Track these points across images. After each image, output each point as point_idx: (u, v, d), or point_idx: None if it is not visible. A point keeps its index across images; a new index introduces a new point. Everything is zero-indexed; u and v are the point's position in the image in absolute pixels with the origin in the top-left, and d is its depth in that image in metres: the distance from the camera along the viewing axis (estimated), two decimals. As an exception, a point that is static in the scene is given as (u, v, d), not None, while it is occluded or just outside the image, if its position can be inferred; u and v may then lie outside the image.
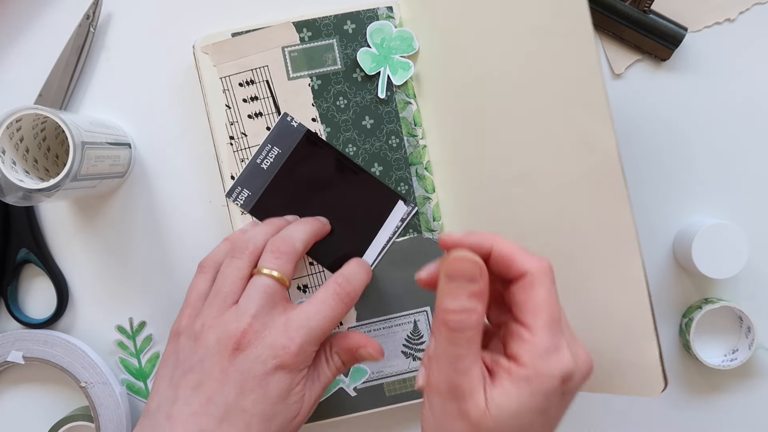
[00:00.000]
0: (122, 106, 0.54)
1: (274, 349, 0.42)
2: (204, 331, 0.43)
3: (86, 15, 0.53)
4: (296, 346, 0.42)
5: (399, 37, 0.52)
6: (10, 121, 0.43)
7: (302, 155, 0.51)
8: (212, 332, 0.42)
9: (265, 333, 0.42)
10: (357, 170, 0.52)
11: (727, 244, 0.53)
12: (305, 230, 0.47)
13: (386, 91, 0.52)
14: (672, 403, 0.58)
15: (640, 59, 0.56)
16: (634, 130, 0.57)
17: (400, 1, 0.53)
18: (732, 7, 0.56)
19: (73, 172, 0.44)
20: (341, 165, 0.52)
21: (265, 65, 0.52)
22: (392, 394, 0.53)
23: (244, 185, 0.52)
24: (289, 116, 0.49)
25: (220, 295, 0.44)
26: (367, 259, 0.52)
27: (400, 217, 0.52)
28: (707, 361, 0.55)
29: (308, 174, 0.51)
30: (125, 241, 0.54)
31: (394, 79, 0.52)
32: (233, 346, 0.42)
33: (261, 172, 0.51)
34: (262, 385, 0.42)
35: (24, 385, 0.55)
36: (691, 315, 0.56)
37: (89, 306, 0.55)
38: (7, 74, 0.54)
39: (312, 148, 0.51)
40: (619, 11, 0.55)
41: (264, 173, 0.51)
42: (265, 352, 0.42)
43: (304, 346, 0.43)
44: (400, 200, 0.52)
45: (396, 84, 0.52)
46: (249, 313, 0.43)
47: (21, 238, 0.53)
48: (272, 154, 0.51)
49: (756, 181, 0.57)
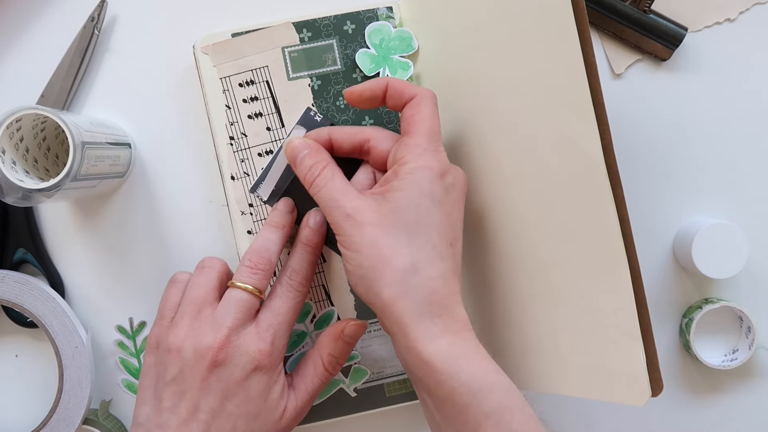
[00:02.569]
0: (122, 106, 0.55)
1: (249, 354, 0.44)
2: (180, 343, 0.44)
3: (91, 17, 0.53)
4: (269, 345, 0.44)
5: (398, 37, 0.52)
6: (10, 121, 0.44)
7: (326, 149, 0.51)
8: (189, 343, 0.43)
9: (240, 342, 0.44)
10: None
11: (727, 244, 0.53)
12: (278, 241, 0.48)
13: None
14: (672, 403, 0.58)
15: (640, 59, 0.56)
16: (634, 130, 0.57)
17: (399, 2, 0.53)
18: (732, 7, 0.56)
19: (73, 172, 0.44)
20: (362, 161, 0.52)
21: (265, 65, 0.52)
22: (392, 395, 0.53)
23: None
24: (312, 110, 0.49)
25: (191, 304, 0.45)
26: None
27: None
28: (707, 361, 0.55)
29: None
30: (125, 241, 0.54)
31: None
32: (212, 359, 0.43)
33: (285, 167, 0.51)
34: (243, 388, 0.44)
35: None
36: (691, 315, 0.56)
37: (89, 306, 0.55)
38: (9, 75, 0.54)
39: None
40: (619, 11, 0.55)
41: (288, 168, 0.51)
42: (242, 359, 0.44)
43: (275, 343, 0.45)
44: None
45: None
46: (226, 325, 0.44)
47: (19, 238, 0.53)
48: None
49: (756, 181, 0.57)
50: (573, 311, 0.43)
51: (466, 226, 0.51)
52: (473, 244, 0.51)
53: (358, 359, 0.53)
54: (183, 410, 0.43)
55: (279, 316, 0.46)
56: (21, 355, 0.55)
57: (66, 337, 0.52)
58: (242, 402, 0.43)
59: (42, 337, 0.54)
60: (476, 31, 0.47)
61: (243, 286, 0.45)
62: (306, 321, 0.53)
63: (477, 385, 0.38)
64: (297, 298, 0.47)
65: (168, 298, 0.47)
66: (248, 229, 0.52)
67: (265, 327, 0.45)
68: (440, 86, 0.52)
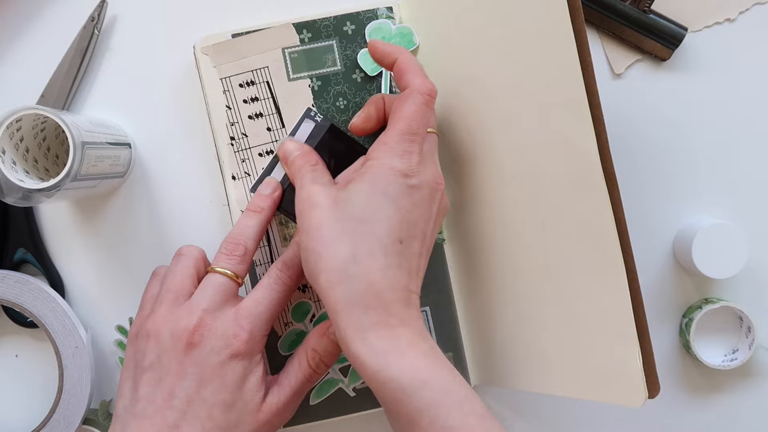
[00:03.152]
0: (122, 106, 0.55)
1: (226, 338, 0.43)
2: (158, 328, 0.44)
3: (91, 17, 0.53)
4: (246, 333, 0.44)
5: (399, 33, 0.52)
6: (10, 121, 0.44)
7: (326, 149, 0.51)
8: (165, 328, 0.43)
9: (217, 325, 0.44)
10: None
11: (727, 244, 0.53)
12: (256, 226, 0.48)
13: (389, 91, 0.52)
14: (672, 403, 0.58)
15: (640, 59, 0.56)
16: (634, 130, 0.57)
17: (399, 2, 0.53)
18: (732, 7, 0.56)
19: (73, 172, 0.44)
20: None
21: (266, 66, 0.52)
22: (392, 394, 0.53)
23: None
24: (312, 110, 0.49)
25: (169, 292, 0.45)
26: None
27: None
28: (707, 361, 0.55)
29: (332, 168, 0.51)
30: (125, 241, 0.55)
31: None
32: (187, 340, 0.43)
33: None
34: (219, 374, 0.43)
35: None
36: (691, 315, 0.56)
37: (89, 306, 0.55)
38: (9, 75, 0.54)
39: (336, 142, 0.51)
40: (619, 11, 0.55)
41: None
42: (218, 343, 0.43)
43: (254, 332, 0.44)
44: None
45: None
46: (200, 307, 0.44)
47: (19, 238, 0.53)
48: None
49: (756, 181, 0.57)
50: (569, 312, 0.43)
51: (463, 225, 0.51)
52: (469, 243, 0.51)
53: (357, 359, 0.53)
54: (159, 397, 0.42)
55: (261, 306, 0.45)
56: (21, 355, 0.55)
57: (66, 337, 0.52)
58: (218, 389, 0.43)
59: (42, 337, 0.54)
60: (474, 30, 0.47)
61: (220, 270, 0.45)
62: (305, 320, 0.53)
63: (406, 381, 0.39)
64: (283, 291, 0.46)
65: (148, 290, 0.48)
66: (248, 229, 0.52)
67: (245, 314, 0.44)
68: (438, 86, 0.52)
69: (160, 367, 0.43)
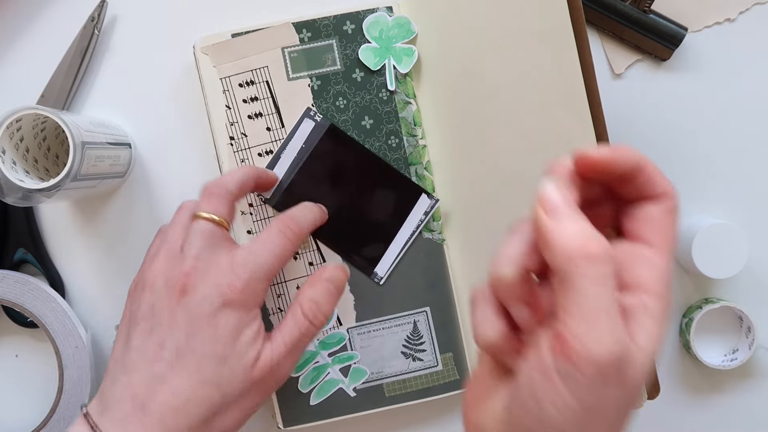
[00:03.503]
0: (122, 106, 0.55)
1: (219, 287, 0.42)
2: (154, 278, 0.43)
3: (91, 17, 0.53)
4: (242, 282, 0.42)
5: (396, 24, 0.52)
6: (10, 121, 0.44)
7: (326, 149, 0.51)
8: (160, 278, 0.42)
9: (210, 272, 0.42)
10: (380, 164, 0.52)
11: (727, 244, 0.53)
12: (239, 173, 0.47)
13: (394, 83, 0.52)
14: (672, 403, 0.58)
15: (640, 59, 0.56)
16: (634, 130, 0.57)
17: (400, 1, 0.53)
18: (732, 7, 0.56)
19: (73, 172, 0.44)
20: (364, 158, 0.52)
21: (265, 66, 0.52)
22: (392, 395, 0.53)
23: None
24: (312, 110, 0.49)
25: (166, 244, 0.44)
26: (392, 253, 0.52)
27: (424, 210, 0.52)
28: (707, 361, 0.55)
29: (332, 168, 0.51)
30: (125, 241, 0.55)
31: (400, 68, 0.52)
32: (180, 288, 0.42)
33: (287, 167, 0.51)
34: (211, 324, 0.41)
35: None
36: (691, 315, 0.56)
37: (89, 306, 0.55)
38: (9, 75, 0.54)
39: (335, 142, 0.51)
40: (619, 11, 0.55)
41: (289, 168, 0.51)
42: (212, 291, 0.42)
43: (250, 282, 0.42)
44: (423, 193, 0.52)
45: (403, 72, 0.52)
46: (190, 255, 0.42)
47: (19, 238, 0.53)
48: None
49: (756, 181, 0.57)
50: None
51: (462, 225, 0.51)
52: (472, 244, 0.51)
53: (357, 359, 0.53)
54: (149, 349, 0.41)
55: (259, 257, 0.43)
56: (21, 355, 0.55)
57: (66, 337, 0.52)
58: (208, 340, 0.41)
59: (42, 337, 0.54)
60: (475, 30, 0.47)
61: (200, 215, 0.44)
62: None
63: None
64: (285, 246, 0.44)
65: (152, 246, 0.46)
66: (248, 228, 0.52)
67: (241, 263, 0.42)
68: (439, 85, 0.52)
69: (152, 317, 0.42)
